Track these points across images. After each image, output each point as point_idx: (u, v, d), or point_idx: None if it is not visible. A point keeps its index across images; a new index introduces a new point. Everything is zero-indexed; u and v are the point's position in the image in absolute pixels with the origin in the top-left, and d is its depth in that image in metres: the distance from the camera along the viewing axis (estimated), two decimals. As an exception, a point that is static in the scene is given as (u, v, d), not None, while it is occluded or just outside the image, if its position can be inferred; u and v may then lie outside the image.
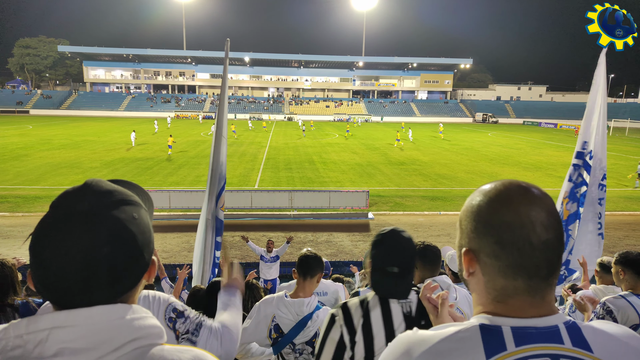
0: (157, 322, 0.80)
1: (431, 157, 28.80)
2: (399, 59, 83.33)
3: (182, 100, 76.37)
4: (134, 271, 0.80)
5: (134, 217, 0.80)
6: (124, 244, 0.77)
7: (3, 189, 17.01)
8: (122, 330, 0.74)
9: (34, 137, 35.09)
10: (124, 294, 0.79)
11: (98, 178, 0.84)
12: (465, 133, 50.63)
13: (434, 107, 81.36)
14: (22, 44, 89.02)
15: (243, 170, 22.11)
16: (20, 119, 57.08)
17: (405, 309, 1.71)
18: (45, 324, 0.71)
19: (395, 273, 1.70)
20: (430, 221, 14.75)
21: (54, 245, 0.73)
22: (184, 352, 0.78)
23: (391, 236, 1.76)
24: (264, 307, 2.47)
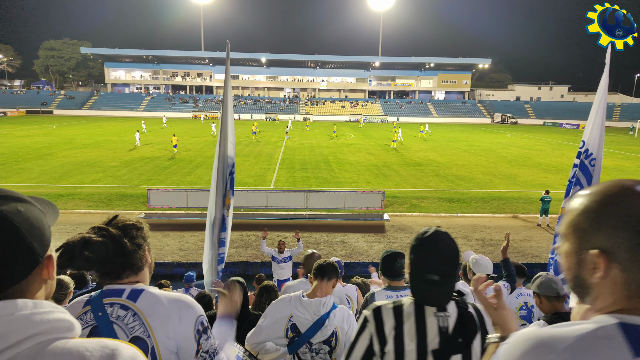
0: (65, 316, 0.79)
1: (448, 158, 28.46)
2: (416, 59, 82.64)
3: (200, 101, 77.32)
4: (21, 262, 0.79)
5: (19, 209, 0.81)
6: (6, 233, 0.77)
7: (28, 187, 17.51)
8: (19, 324, 0.72)
9: (57, 136, 36.03)
10: (13, 286, 0.77)
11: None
12: (484, 134, 49.89)
13: (451, 107, 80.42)
14: (47, 46, 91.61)
15: (259, 170, 22.25)
16: (44, 118, 58.70)
17: (442, 323, 1.59)
18: None
19: (435, 281, 1.59)
20: (447, 223, 14.57)
21: None
22: (92, 343, 0.76)
23: (432, 240, 1.64)
24: (281, 307, 2.48)
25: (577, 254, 0.87)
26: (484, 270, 4.13)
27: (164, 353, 1.42)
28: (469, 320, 1.61)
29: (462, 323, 1.59)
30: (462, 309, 1.63)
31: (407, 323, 1.59)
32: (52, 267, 0.86)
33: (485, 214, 15.61)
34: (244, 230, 13.19)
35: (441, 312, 1.61)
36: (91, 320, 1.42)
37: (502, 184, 20.40)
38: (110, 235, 1.46)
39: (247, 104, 77.07)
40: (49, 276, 0.85)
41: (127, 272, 1.51)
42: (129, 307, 1.44)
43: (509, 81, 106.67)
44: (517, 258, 11.31)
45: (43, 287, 0.84)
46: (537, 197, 15.76)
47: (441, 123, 70.64)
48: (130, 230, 1.53)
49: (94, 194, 16.61)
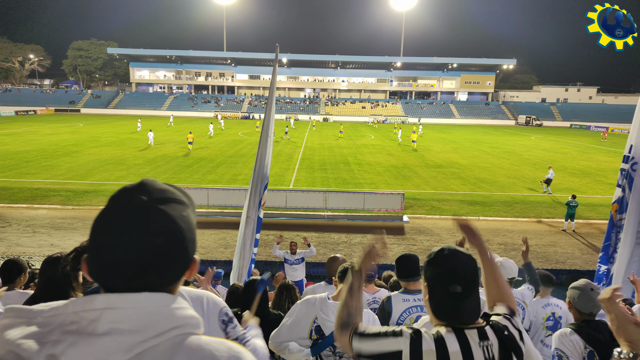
0: (195, 313, 0.85)
1: (470, 160, 27.96)
2: (439, 59, 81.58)
3: (222, 101, 78.31)
4: (180, 264, 0.86)
5: (183, 214, 0.86)
6: (174, 237, 0.83)
7: (56, 183, 18.07)
8: (165, 317, 0.79)
9: (84, 134, 37.09)
10: (169, 285, 0.85)
11: (152, 178, 0.92)
12: (507, 136, 48.85)
13: (474, 108, 79.05)
14: (75, 47, 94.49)
15: (278, 170, 22.35)
16: (72, 117, 60.54)
17: (487, 354, 1.44)
18: (99, 304, 0.77)
19: (458, 293, 1.49)
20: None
21: (112, 234, 0.80)
22: (219, 344, 0.82)
23: (449, 253, 1.56)
24: (306, 307, 2.47)
25: None
26: (509, 273, 4.04)
27: None
28: (510, 344, 1.50)
29: (505, 349, 1.48)
30: (500, 334, 1.51)
31: (453, 356, 1.41)
32: (195, 269, 0.91)
33: (507, 218, 15.25)
34: (263, 229, 13.15)
35: (483, 340, 1.46)
36: None
37: (525, 188, 19.91)
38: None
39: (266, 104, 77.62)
40: (189, 277, 0.91)
41: None
42: None
43: (534, 82, 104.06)
44: (540, 264, 11.00)
45: (179, 287, 0.91)
46: (563, 201, 15.32)
47: (463, 124, 69.53)
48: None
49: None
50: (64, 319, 0.76)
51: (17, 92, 76.15)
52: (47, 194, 16.26)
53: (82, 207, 14.98)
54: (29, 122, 48.26)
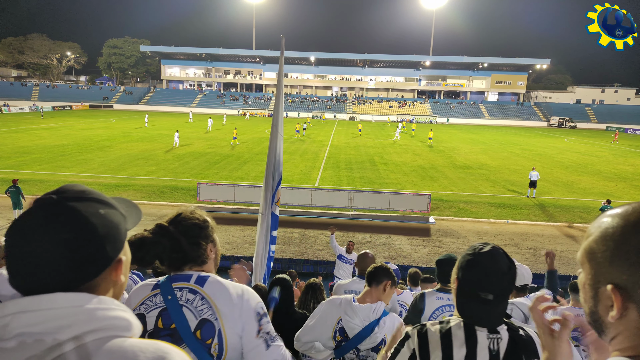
0: (126, 315, 0.81)
1: (500, 162, 27.27)
2: (469, 59, 79.88)
3: (250, 99, 79.25)
4: (94, 262, 0.82)
5: (100, 212, 0.85)
6: (84, 233, 0.80)
7: (88, 177, 18.74)
8: (82, 318, 0.75)
9: (116, 129, 38.31)
10: (84, 283, 0.81)
11: (77, 183, 0.93)
12: (539, 138, 47.35)
13: (504, 109, 76.98)
14: (110, 44, 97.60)
15: (304, 168, 22.43)
16: (105, 112, 62.66)
17: (492, 346, 1.45)
18: (9, 309, 0.73)
19: (489, 300, 1.46)
20: (497, 229, 13.96)
21: (20, 232, 0.79)
22: (147, 345, 0.77)
23: (489, 257, 1.50)
24: (330, 309, 2.45)
25: (593, 287, 0.77)
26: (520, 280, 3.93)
27: (230, 335, 1.48)
28: (524, 345, 1.47)
29: (514, 348, 1.46)
30: (513, 332, 1.50)
31: (457, 350, 1.45)
32: (121, 270, 0.88)
33: (538, 222, 14.79)
34: (288, 227, 13.34)
35: (493, 333, 1.47)
36: (160, 303, 1.50)
37: (557, 191, 19.25)
38: (168, 234, 1.53)
39: (294, 102, 78.02)
40: (117, 278, 0.87)
41: (188, 265, 1.58)
42: (197, 292, 1.51)
43: (568, 83, 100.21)
44: (572, 270, 10.61)
45: (112, 288, 0.87)
46: (597, 206, 14.74)
47: (493, 125, 67.85)
48: (192, 230, 1.58)
49: (147, 185, 17.47)
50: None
51: (55, 88, 79.38)
52: (81, 187, 16.87)
53: (114, 200, 15.45)
54: (65, 117, 50.25)
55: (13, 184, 13.04)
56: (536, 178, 17.70)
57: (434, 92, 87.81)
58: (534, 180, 17.68)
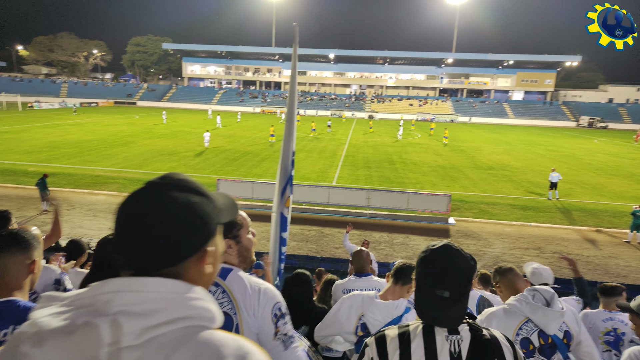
0: (212, 306, 0.84)
1: (524, 163, 26.60)
2: (493, 56, 78.07)
3: (269, 96, 79.68)
4: (183, 248, 0.85)
5: (192, 201, 0.87)
6: (174, 218, 0.83)
7: (113, 171, 19.19)
8: (176, 304, 0.79)
9: (139, 126, 39.12)
10: (168, 267, 0.84)
11: (179, 172, 0.94)
12: (566, 138, 45.98)
13: (530, 108, 74.97)
14: (134, 42, 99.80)
15: (322, 166, 22.39)
16: (129, 109, 64.08)
17: (453, 348, 1.40)
18: (112, 287, 0.79)
19: (446, 298, 1.42)
20: (519, 232, 13.61)
21: (123, 212, 0.86)
22: (230, 340, 0.80)
23: (444, 252, 1.47)
24: (352, 303, 2.47)
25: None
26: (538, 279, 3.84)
27: (247, 331, 1.51)
28: (487, 345, 1.40)
29: (477, 348, 1.39)
30: (476, 333, 1.43)
31: (415, 352, 1.41)
32: (207, 260, 0.90)
33: (563, 225, 14.35)
34: (305, 224, 13.33)
35: (453, 335, 1.42)
36: None
37: (585, 194, 18.64)
38: None
39: (312, 100, 78.04)
40: (203, 268, 0.90)
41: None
42: (219, 284, 1.55)
43: (600, 81, 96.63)
44: (599, 276, 10.26)
45: (199, 278, 0.89)
46: (628, 210, 14.18)
47: (518, 125, 66.23)
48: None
49: (169, 181, 17.75)
50: (82, 302, 0.79)
51: (82, 85, 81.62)
52: (106, 181, 17.30)
53: (136, 195, 15.79)
54: (92, 113, 51.62)
55: (42, 177, 13.52)
56: (557, 179, 17.20)
57: (456, 90, 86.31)
58: (554, 182, 17.19)
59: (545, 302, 2.27)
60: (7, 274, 1.79)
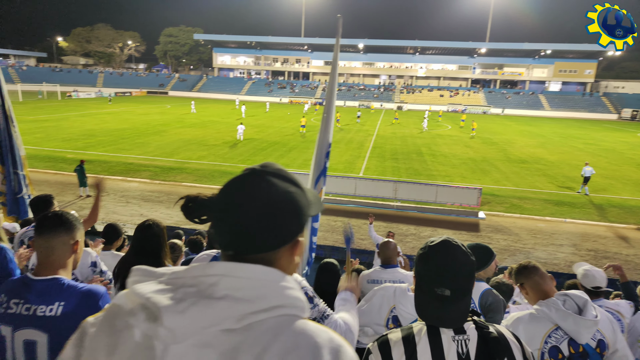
0: (303, 296, 0.86)
1: (559, 156, 25.59)
2: (529, 45, 74.95)
3: (297, 87, 79.76)
4: (278, 234, 0.87)
5: (291, 190, 0.90)
6: (275, 204, 0.86)
7: (146, 159, 19.77)
8: (275, 292, 0.82)
9: (171, 115, 40.04)
10: (264, 252, 0.87)
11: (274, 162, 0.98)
12: (606, 132, 43.85)
13: (567, 100, 71.83)
14: (167, 33, 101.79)
15: (349, 157, 22.28)
16: (161, 99, 65.65)
17: (460, 348, 1.34)
18: (217, 270, 0.82)
19: (446, 296, 1.36)
20: (553, 228, 13.14)
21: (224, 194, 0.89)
22: (323, 333, 0.82)
23: (443, 249, 1.41)
24: (384, 295, 2.45)
25: None
26: (591, 282, 3.67)
27: None
28: (495, 344, 1.33)
29: (485, 348, 1.33)
30: (482, 331, 1.36)
31: (421, 354, 1.36)
32: (299, 249, 0.93)
33: (600, 222, 13.75)
34: (331, 215, 13.33)
35: (459, 334, 1.36)
36: None
37: (625, 190, 17.76)
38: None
39: (340, 91, 77.52)
40: (294, 257, 0.93)
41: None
42: None
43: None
44: (638, 276, 9.78)
45: (288, 266, 0.92)
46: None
47: (554, 117, 63.67)
48: None
49: (199, 169, 18.14)
50: (184, 282, 0.82)
51: (118, 76, 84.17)
52: (138, 169, 17.85)
53: (168, 182, 16.22)
54: (126, 103, 53.22)
55: (80, 163, 14.07)
56: (590, 174, 16.49)
57: (489, 81, 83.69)
58: (587, 176, 16.49)
59: (577, 309, 2.12)
60: (52, 253, 1.85)
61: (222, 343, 0.75)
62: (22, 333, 1.76)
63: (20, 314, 1.76)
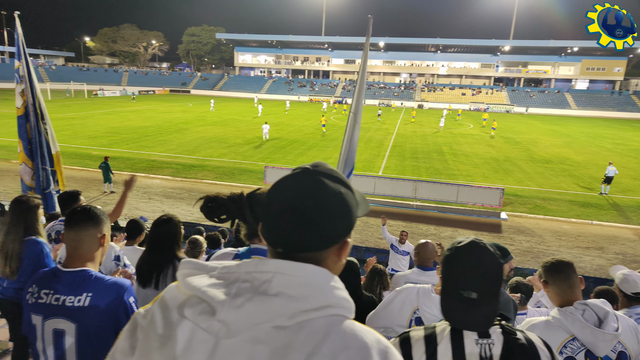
0: (350, 297, 0.87)
1: (586, 156, 24.84)
2: (555, 42, 72.86)
3: (317, 85, 79.80)
4: (330, 232, 0.87)
5: (341, 190, 0.90)
6: (325, 204, 0.86)
7: (168, 156, 20.14)
8: (325, 292, 0.82)
9: (192, 113, 40.66)
10: (312, 251, 0.86)
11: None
12: (636, 131, 42.33)
13: (595, 99, 69.56)
14: (189, 32, 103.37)
15: (368, 156, 22.17)
16: (183, 97, 66.74)
17: (483, 352, 1.31)
18: (271, 268, 0.83)
19: (472, 299, 1.32)
20: (579, 230, 12.77)
21: (277, 190, 0.89)
22: (370, 334, 0.82)
23: (470, 251, 1.37)
24: (407, 296, 2.40)
25: None
26: (633, 287, 3.49)
27: None
28: (521, 351, 1.29)
29: (509, 354, 1.29)
30: (509, 337, 1.32)
31: (442, 354, 1.33)
32: (346, 251, 0.93)
33: (629, 225, 13.29)
34: (350, 214, 13.29)
35: (483, 338, 1.32)
36: None
37: (656, 192, 17.10)
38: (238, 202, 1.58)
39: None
40: (341, 258, 0.92)
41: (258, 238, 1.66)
42: None
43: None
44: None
45: (333, 267, 0.92)
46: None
47: (580, 116, 61.83)
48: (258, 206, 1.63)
49: (219, 167, 18.37)
50: (238, 277, 0.82)
51: (142, 74, 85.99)
52: (161, 166, 18.21)
53: (189, 179, 16.50)
54: (149, 101, 54.33)
55: (104, 160, 14.43)
56: (612, 174, 15.98)
57: (513, 79, 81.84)
58: (610, 176, 15.98)
59: (597, 320, 2.01)
60: (81, 246, 1.92)
61: (274, 340, 0.76)
62: (52, 322, 1.82)
63: (50, 304, 1.82)
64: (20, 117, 5.96)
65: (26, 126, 6.01)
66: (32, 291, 1.86)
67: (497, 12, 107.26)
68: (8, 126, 25.77)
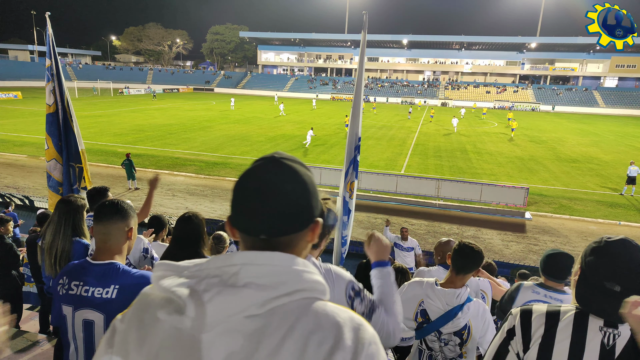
0: (322, 280, 0.88)
1: (614, 156, 23.98)
2: (584, 39, 70.33)
3: (339, 83, 79.60)
4: (304, 216, 0.89)
5: (308, 173, 0.93)
6: (300, 185, 0.89)
7: (191, 154, 20.50)
8: (295, 277, 0.84)
9: (216, 111, 41.21)
10: (287, 234, 0.89)
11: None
12: (670, 130, 40.54)
13: (624, 96, 66.96)
14: (213, 31, 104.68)
15: (390, 154, 22.01)
16: (207, 95, 67.71)
17: (607, 340, 1.33)
18: (238, 260, 0.84)
19: (615, 292, 1.34)
20: (605, 231, 12.34)
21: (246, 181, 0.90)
22: (343, 312, 0.84)
23: (621, 246, 1.40)
24: (413, 289, 2.48)
25: None
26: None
27: None
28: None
29: (635, 349, 1.27)
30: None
31: (561, 333, 1.36)
32: (316, 233, 0.95)
33: (662, 228, 12.77)
34: (372, 212, 13.25)
35: (610, 327, 1.33)
36: None
37: (691, 194, 16.37)
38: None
39: (383, 87, 76.56)
40: (312, 240, 0.95)
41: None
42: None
43: None
44: None
45: (304, 248, 0.95)
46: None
47: (609, 115, 59.69)
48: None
49: (242, 164, 18.58)
50: (208, 273, 0.84)
51: (166, 73, 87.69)
52: (184, 163, 18.55)
53: (212, 176, 16.75)
54: (173, 99, 55.36)
55: (127, 157, 14.77)
56: (635, 174, 15.36)
57: (539, 77, 79.60)
58: (632, 176, 15.39)
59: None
60: (109, 239, 1.98)
61: (248, 328, 0.78)
62: (82, 313, 1.89)
63: (80, 295, 1.89)
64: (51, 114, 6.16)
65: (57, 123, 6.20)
66: (63, 282, 1.94)
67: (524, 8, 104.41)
68: (37, 124, 26.75)
